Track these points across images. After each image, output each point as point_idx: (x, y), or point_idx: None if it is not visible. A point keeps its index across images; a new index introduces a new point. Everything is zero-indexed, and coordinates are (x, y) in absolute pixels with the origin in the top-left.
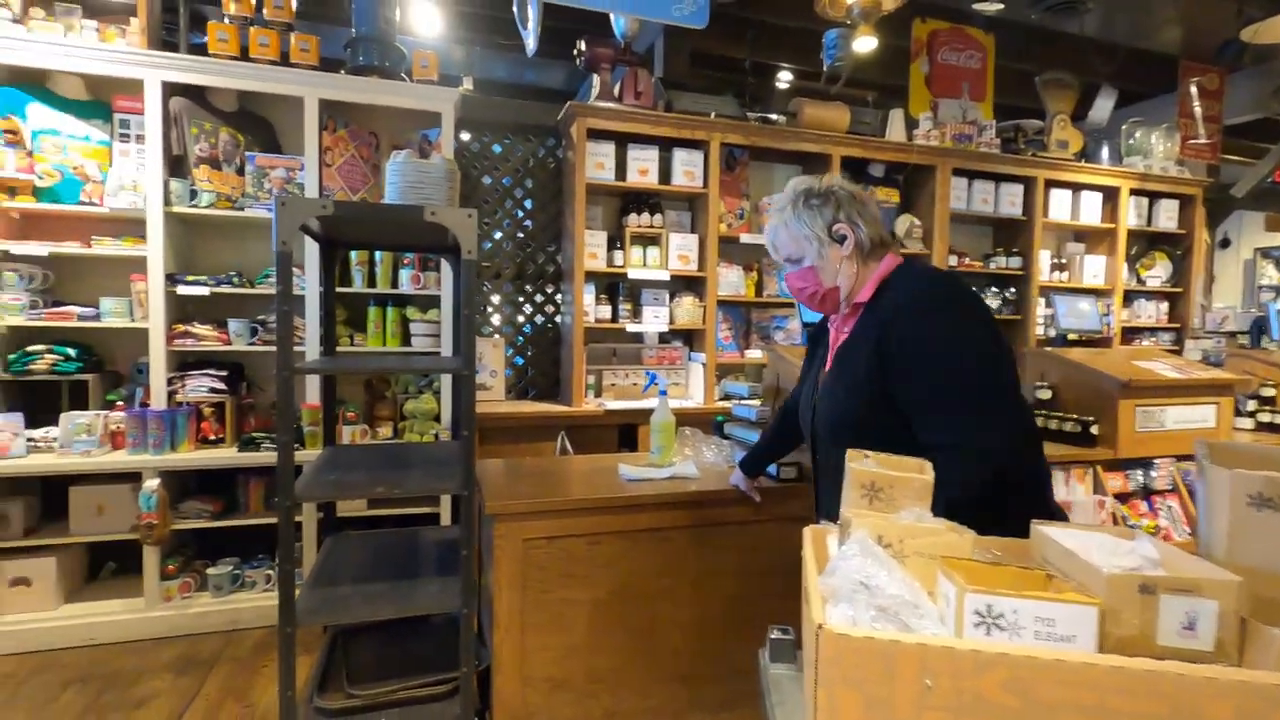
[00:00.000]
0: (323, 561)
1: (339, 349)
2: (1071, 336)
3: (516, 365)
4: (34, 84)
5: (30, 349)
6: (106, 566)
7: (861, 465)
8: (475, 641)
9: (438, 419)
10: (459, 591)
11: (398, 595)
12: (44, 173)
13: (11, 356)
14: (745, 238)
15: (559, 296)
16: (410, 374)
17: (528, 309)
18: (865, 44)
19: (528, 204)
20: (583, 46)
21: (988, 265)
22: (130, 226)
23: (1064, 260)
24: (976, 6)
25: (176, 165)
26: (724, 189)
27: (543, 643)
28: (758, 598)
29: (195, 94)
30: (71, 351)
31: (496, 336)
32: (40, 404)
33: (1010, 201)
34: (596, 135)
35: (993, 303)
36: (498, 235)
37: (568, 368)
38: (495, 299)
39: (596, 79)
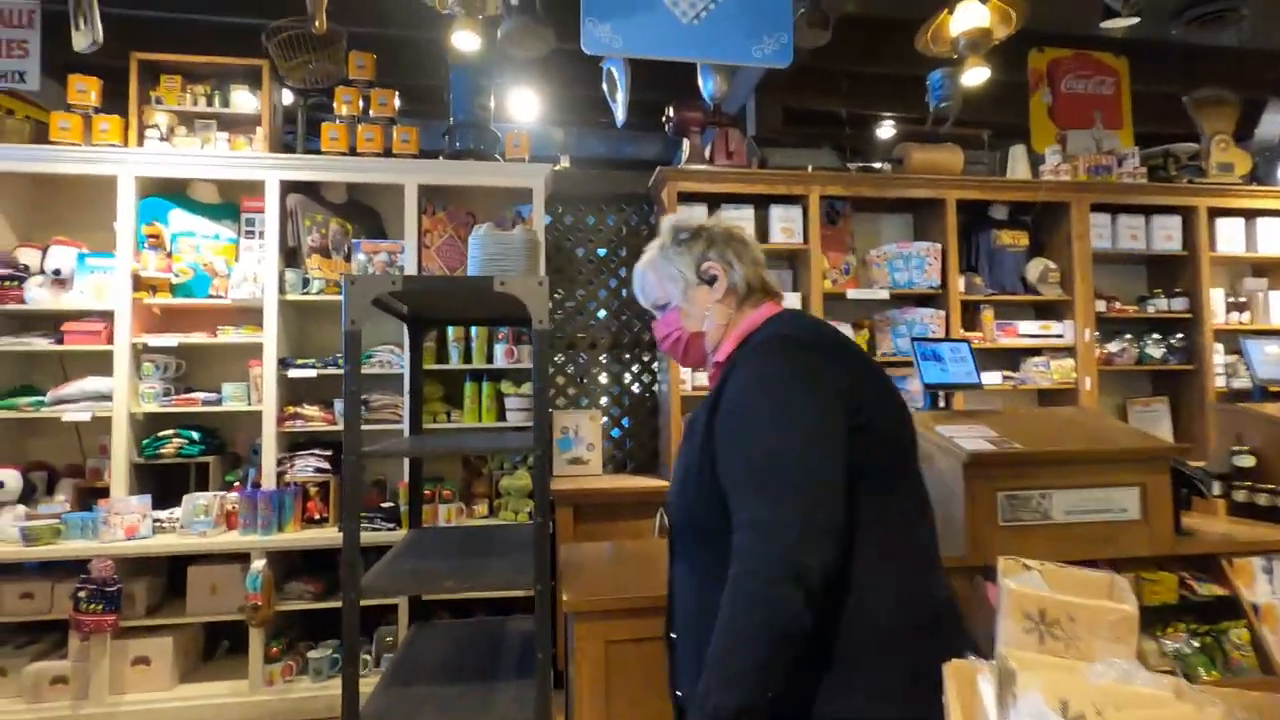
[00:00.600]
0: (402, 655)
1: (437, 425)
2: (1274, 389)
3: (614, 437)
4: (176, 192)
5: (160, 434)
6: (221, 645)
7: (1021, 584)
8: None
9: (532, 496)
10: (533, 701)
11: (470, 702)
12: (180, 271)
13: (145, 441)
14: (852, 293)
15: (655, 365)
16: (486, 452)
17: (625, 379)
18: (976, 76)
19: (622, 273)
20: (670, 113)
21: (1144, 309)
22: (250, 315)
23: (1243, 299)
24: (1105, 26)
25: (291, 256)
26: (826, 244)
27: None
28: None
29: (309, 189)
30: (195, 435)
31: (594, 409)
32: (168, 486)
33: (1166, 236)
34: (688, 198)
35: (1155, 351)
36: (592, 306)
37: (666, 439)
38: (594, 371)
39: (686, 143)
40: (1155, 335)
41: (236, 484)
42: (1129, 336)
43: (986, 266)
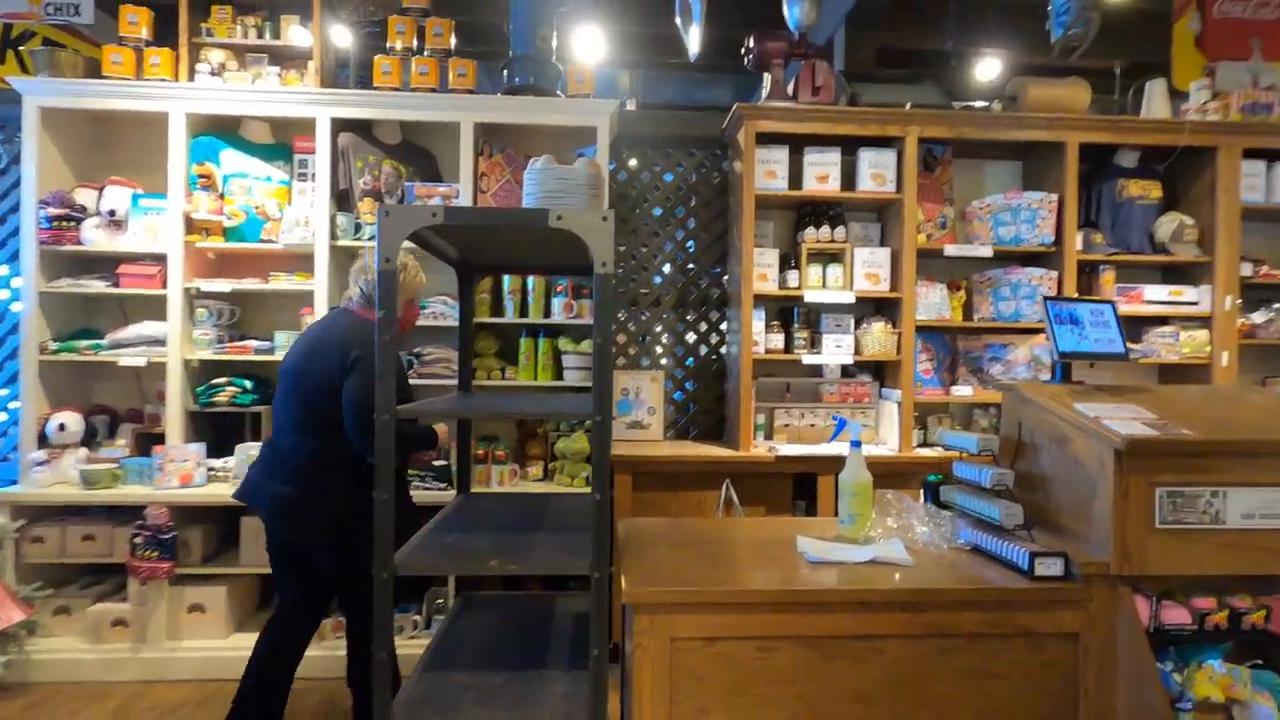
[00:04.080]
0: (444, 633)
1: (490, 382)
2: None
3: (676, 401)
4: (228, 131)
5: (215, 382)
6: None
7: None
8: None
9: (590, 460)
10: (587, 699)
11: (515, 694)
12: (231, 213)
13: (199, 389)
14: (950, 249)
15: (724, 324)
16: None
17: (690, 339)
18: None
19: (690, 223)
20: (750, 43)
21: None
22: (302, 261)
23: None
24: None
25: (343, 200)
26: (922, 194)
27: None
28: None
29: (362, 129)
30: (249, 384)
31: (655, 370)
32: (223, 434)
33: None
34: (767, 140)
35: None
36: (656, 259)
37: (734, 405)
38: (658, 330)
39: (767, 78)
40: None
41: None
42: (1278, 306)
43: (1109, 222)
